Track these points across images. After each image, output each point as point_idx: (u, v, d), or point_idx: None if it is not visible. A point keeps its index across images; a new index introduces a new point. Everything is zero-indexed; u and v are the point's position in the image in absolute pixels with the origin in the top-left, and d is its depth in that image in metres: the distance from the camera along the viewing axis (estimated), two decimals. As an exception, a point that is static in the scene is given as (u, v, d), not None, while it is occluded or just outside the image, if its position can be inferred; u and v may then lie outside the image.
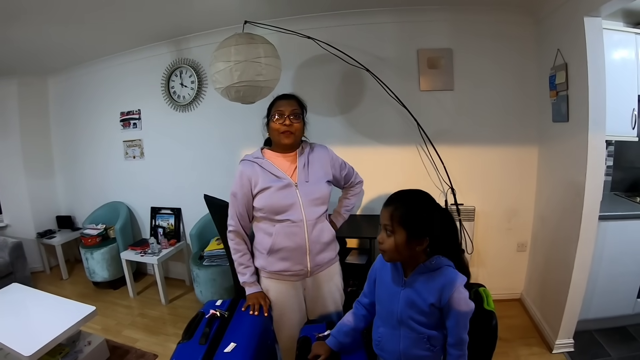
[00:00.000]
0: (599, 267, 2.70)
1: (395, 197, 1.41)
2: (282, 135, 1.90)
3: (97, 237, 4.06)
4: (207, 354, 1.59)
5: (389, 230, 1.36)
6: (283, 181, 1.89)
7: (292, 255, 1.91)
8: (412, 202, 1.39)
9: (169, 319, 3.53)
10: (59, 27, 3.10)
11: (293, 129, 1.91)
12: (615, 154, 3.26)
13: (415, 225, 1.34)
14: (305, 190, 1.90)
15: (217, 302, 2.01)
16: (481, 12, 3.05)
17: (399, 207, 1.35)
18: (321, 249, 1.97)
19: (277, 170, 1.91)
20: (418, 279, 1.40)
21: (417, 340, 1.41)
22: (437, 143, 3.16)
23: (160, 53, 3.86)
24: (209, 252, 3.41)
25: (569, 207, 2.64)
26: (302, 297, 2.07)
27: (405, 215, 1.34)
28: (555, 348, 2.71)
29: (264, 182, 1.88)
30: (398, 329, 1.44)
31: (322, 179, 1.99)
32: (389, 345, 1.48)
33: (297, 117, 1.92)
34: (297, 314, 2.06)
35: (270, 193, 1.87)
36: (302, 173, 1.94)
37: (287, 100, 1.94)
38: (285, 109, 1.90)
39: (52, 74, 4.60)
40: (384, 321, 1.51)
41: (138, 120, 4.15)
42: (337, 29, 3.19)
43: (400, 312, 1.42)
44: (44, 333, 2.39)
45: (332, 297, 2.09)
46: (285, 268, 1.94)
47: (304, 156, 1.99)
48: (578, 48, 2.40)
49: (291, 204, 1.87)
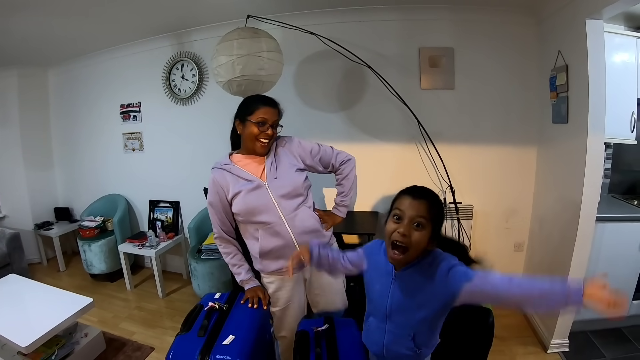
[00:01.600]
0: (595, 268, 2.71)
1: (426, 192, 1.35)
2: (258, 143, 1.89)
3: (95, 229, 4.05)
4: (205, 346, 1.60)
5: (420, 224, 1.28)
6: (253, 183, 1.88)
7: (283, 252, 1.92)
8: (438, 199, 1.36)
9: (166, 312, 3.53)
10: (62, 18, 3.09)
11: (271, 138, 1.91)
12: (613, 156, 3.27)
13: (440, 224, 1.33)
14: (275, 186, 1.89)
15: (216, 295, 2.03)
16: (483, 11, 3.05)
17: (434, 203, 1.32)
18: (309, 237, 1.95)
19: (245, 173, 1.91)
20: (411, 273, 1.37)
21: (401, 337, 1.41)
22: (437, 141, 3.17)
23: (162, 46, 3.85)
24: (207, 246, 3.41)
25: (566, 208, 2.65)
26: (302, 291, 2.09)
27: (439, 212, 1.32)
28: (550, 348, 2.73)
29: (235, 187, 1.89)
30: (384, 322, 1.45)
31: (291, 170, 1.97)
32: (375, 336, 1.49)
33: (276, 127, 1.92)
34: (299, 309, 2.09)
35: (242, 197, 1.88)
36: (270, 173, 1.92)
37: (272, 108, 1.91)
38: (270, 118, 1.88)
39: (53, 65, 4.58)
40: (373, 312, 1.51)
41: (138, 112, 4.15)
42: (340, 26, 3.20)
43: (390, 305, 1.41)
44: (41, 324, 2.39)
45: (336, 286, 2.11)
46: (281, 266, 1.96)
47: (271, 156, 1.97)
48: (579, 50, 2.41)
49: (264, 203, 1.87)
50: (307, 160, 2.06)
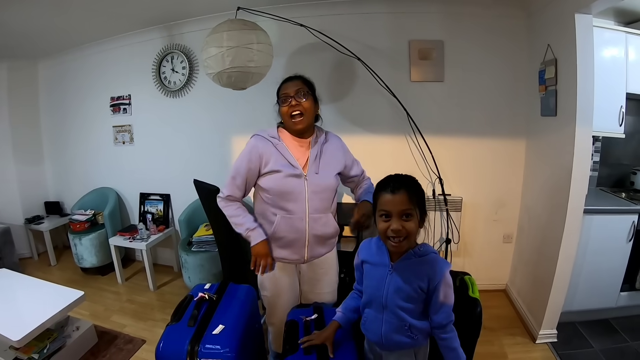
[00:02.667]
0: (583, 260, 2.76)
1: (401, 180, 1.41)
2: (292, 119, 1.88)
3: (85, 222, 4.03)
4: (195, 336, 1.62)
5: (408, 214, 1.36)
6: (295, 170, 1.87)
7: (291, 244, 1.94)
8: (416, 184, 1.42)
9: (157, 304, 3.53)
10: (52, 9, 3.06)
11: (301, 108, 1.87)
12: (602, 150, 3.32)
13: (424, 206, 1.40)
14: (313, 182, 1.89)
15: (206, 286, 2.03)
16: (473, 4, 3.06)
17: (413, 190, 1.38)
18: (321, 242, 1.99)
19: (291, 156, 1.89)
20: (406, 265, 1.42)
21: (398, 327, 1.44)
22: (426, 133, 3.18)
23: (151, 38, 3.82)
24: (197, 238, 3.42)
25: (555, 200, 2.68)
26: (296, 280, 2.10)
27: (419, 196, 1.38)
28: (538, 338, 2.76)
29: (276, 164, 1.86)
30: (382, 312, 1.47)
31: (332, 171, 1.98)
32: (373, 326, 1.52)
33: (304, 95, 1.88)
34: (292, 297, 2.09)
35: (279, 177, 1.86)
36: (313, 164, 1.92)
37: (291, 81, 1.92)
38: (290, 90, 1.87)
39: (43, 58, 4.54)
40: (370, 303, 1.53)
41: (128, 105, 4.12)
42: (330, 18, 3.19)
43: (386, 297, 1.44)
44: (32, 318, 2.37)
45: (329, 281, 2.12)
46: (283, 256, 1.97)
47: (318, 146, 1.97)
48: (568, 44, 2.43)
49: (297, 192, 1.86)
50: (346, 167, 2.11)
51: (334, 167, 2.00)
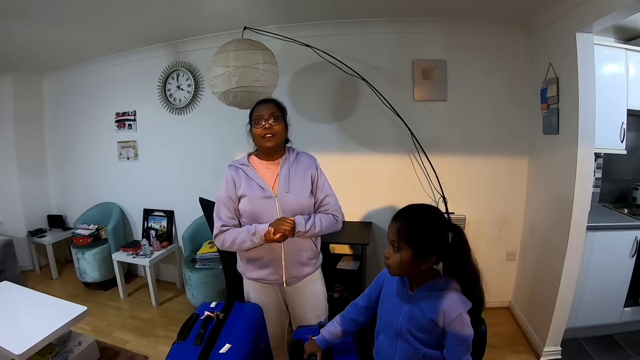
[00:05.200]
0: (587, 277, 2.76)
1: (404, 213, 1.40)
2: (263, 139, 1.91)
3: (88, 237, 4.04)
4: (202, 355, 1.61)
5: (395, 246, 1.35)
6: (264, 192, 1.90)
7: (268, 265, 1.96)
8: (419, 219, 1.37)
9: (160, 321, 3.51)
10: (59, 24, 3.09)
11: (273, 131, 1.90)
12: (604, 166, 3.34)
13: (421, 244, 1.33)
14: (284, 202, 1.90)
15: (212, 305, 2.03)
16: (475, 24, 3.11)
17: (406, 224, 1.34)
18: (299, 264, 1.99)
19: (260, 179, 1.92)
20: (423, 296, 1.40)
21: (412, 355, 1.42)
22: (429, 152, 3.20)
23: (158, 55, 3.87)
24: (201, 255, 3.42)
25: (557, 217, 2.69)
26: (281, 298, 2.11)
27: (412, 232, 1.33)
28: (543, 356, 2.76)
29: (245, 189, 1.90)
30: (396, 340, 1.46)
31: (304, 189, 1.97)
32: (386, 353, 1.50)
33: (276, 119, 1.91)
34: (276, 314, 2.11)
35: (249, 200, 1.90)
36: (283, 184, 1.93)
37: (265, 104, 1.95)
38: (264, 113, 1.90)
39: (48, 72, 4.59)
40: (384, 330, 1.53)
41: (133, 121, 4.16)
42: (335, 38, 3.24)
43: (400, 325, 1.43)
44: (35, 332, 2.37)
45: (312, 305, 2.10)
46: (261, 277, 2.00)
47: (287, 164, 1.98)
48: (569, 63, 2.47)
49: (269, 213, 1.88)
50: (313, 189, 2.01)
51: (307, 185, 1.99)
